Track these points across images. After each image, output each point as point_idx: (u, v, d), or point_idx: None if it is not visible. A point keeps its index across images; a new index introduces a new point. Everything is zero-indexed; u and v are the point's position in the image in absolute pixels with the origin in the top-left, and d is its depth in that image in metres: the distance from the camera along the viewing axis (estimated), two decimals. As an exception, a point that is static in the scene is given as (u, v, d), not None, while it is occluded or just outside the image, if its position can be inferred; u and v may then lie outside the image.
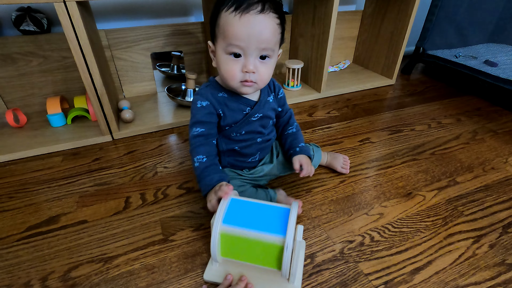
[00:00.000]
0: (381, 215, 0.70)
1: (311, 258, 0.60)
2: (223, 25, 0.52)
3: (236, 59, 0.54)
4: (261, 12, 0.50)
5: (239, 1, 0.50)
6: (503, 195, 0.77)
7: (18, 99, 1.10)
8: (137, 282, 0.56)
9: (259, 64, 0.55)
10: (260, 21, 0.51)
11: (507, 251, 0.62)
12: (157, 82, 1.30)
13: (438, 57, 1.45)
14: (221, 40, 0.54)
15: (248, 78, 0.55)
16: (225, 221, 0.50)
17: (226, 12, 0.51)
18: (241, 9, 0.50)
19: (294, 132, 0.74)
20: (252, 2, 0.50)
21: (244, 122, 0.64)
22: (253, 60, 0.54)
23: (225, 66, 0.55)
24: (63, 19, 0.77)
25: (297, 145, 0.71)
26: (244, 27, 0.50)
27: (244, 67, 0.54)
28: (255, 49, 0.52)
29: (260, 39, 0.52)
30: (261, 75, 0.56)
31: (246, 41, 0.51)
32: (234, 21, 0.50)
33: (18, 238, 0.65)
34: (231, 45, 0.52)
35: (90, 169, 0.86)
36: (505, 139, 1.01)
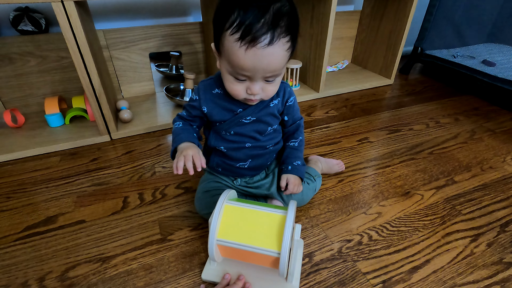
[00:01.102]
0: (379, 214, 0.70)
1: (309, 257, 0.60)
2: (227, 51, 0.47)
3: (241, 82, 0.51)
4: (270, 44, 0.44)
5: (245, 28, 0.43)
6: (501, 194, 0.77)
7: (16, 99, 1.10)
8: (135, 282, 0.55)
9: (265, 85, 0.52)
10: (268, 54, 0.45)
11: (505, 250, 0.62)
12: (155, 82, 1.30)
13: (436, 57, 1.45)
14: (225, 61, 0.50)
15: (253, 98, 0.53)
16: None
17: (231, 36, 0.45)
18: (247, 40, 0.43)
19: (295, 146, 0.68)
20: (261, 33, 0.43)
21: (233, 122, 0.60)
22: (258, 84, 0.51)
23: (229, 84, 0.52)
24: (61, 19, 0.76)
25: (291, 162, 0.66)
26: (250, 61, 0.46)
27: (249, 90, 0.51)
28: (261, 77, 0.49)
29: (266, 70, 0.48)
30: (267, 92, 0.53)
31: (252, 72, 0.47)
32: (239, 53, 0.45)
33: (16, 238, 0.65)
34: (235, 73, 0.49)
35: (88, 169, 0.86)
36: (503, 138, 1.01)
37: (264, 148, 0.64)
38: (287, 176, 0.64)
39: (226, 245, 0.50)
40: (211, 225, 0.50)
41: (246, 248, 0.49)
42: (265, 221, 0.50)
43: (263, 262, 0.51)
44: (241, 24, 0.43)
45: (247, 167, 0.65)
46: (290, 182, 0.63)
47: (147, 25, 1.16)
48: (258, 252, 0.48)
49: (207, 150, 0.67)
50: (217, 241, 0.50)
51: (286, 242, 0.46)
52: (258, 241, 0.48)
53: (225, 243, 0.50)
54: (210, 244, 0.50)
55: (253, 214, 0.51)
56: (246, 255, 0.50)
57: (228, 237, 0.50)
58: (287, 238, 0.46)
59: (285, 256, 0.46)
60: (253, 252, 0.49)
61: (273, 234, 0.48)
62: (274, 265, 0.49)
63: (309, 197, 0.72)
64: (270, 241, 0.48)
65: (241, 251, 0.50)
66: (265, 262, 0.51)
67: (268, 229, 0.49)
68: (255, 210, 0.51)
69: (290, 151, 0.68)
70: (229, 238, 0.50)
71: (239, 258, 0.53)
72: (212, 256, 0.51)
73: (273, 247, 0.47)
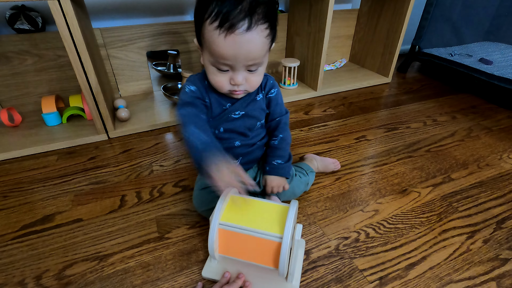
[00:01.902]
0: (376, 211, 0.71)
1: (307, 255, 0.60)
2: (207, 40, 0.48)
3: (224, 72, 0.51)
4: (248, 30, 0.45)
5: (223, 16, 0.44)
6: (497, 191, 0.77)
7: (13, 98, 1.09)
8: (132, 280, 0.55)
9: (248, 75, 0.52)
10: (247, 41, 0.46)
11: (501, 246, 0.62)
12: (153, 81, 1.30)
13: (434, 56, 1.46)
14: (206, 52, 0.50)
15: (237, 88, 0.53)
16: None
17: (210, 26, 0.46)
18: (225, 27, 0.44)
19: (274, 145, 0.66)
20: (238, 19, 0.44)
21: (223, 118, 0.59)
22: (241, 73, 0.51)
23: (212, 76, 0.52)
24: (57, 17, 0.76)
25: (270, 162, 0.65)
26: (230, 48, 0.46)
27: (232, 80, 0.51)
28: (242, 65, 0.49)
29: (247, 57, 0.48)
30: (250, 83, 0.53)
31: (233, 60, 0.48)
32: (219, 41, 0.46)
33: (13, 237, 0.65)
34: (217, 62, 0.49)
35: (86, 168, 0.86)
36: (500, 136, 1.02)
37: (252, 145, 0.65)
38: (266, 178, 0.65)
39: (228, 229, 0.50)
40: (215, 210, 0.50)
41: (248, 232, 0.49)
42: (268, 210, 0.52)
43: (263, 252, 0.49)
44: (219, 12, 0.44)
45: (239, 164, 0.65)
46: (267, 184, 0.64)
47: (144, 24, 1.16)
48: (260, 237, 0.48)
49: None
50: (220, 224, 0.50)
51: (289, 226, 0.47)
52: (260, 225, 0.49)
53: (227, 227, 0.50)
54: (210, 241, 0.50)
55: (256, 203, 0.53)
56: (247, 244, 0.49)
57: (231, 221, 0.50)
58: (289, 223, 0.47)
59: (287, 241, 0.46)
60: (254, 237, 0.48)
61: (275, 220, 0.49)
62: (275, 255, 0.48)
63: (301, 190, 0.72)
64: (272, 226, 0.49)
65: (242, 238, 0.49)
66: (265, 253, 0.49)
67: (271, 216, 0.50)
68: (259, 200, 0.54)
69: (270, 150, 0.67)
70: (232, 221, 0.50)
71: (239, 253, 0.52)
72: (212, 253, 0.51)
73: (275, 231, 0.48)
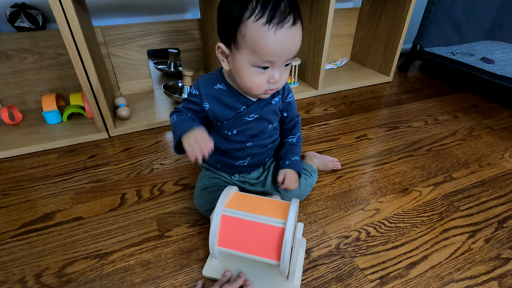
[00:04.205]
0: (377, 210, 0.70)
1: (307, 253, 0.60)
2: (252, 38, 0.46)
3: (264, 71, 0.50)
4: (293, 25, 0.46)
5: (270, 12, 0.44)
6: (499, 190, 0.77)
7: (13, 96, 1.09)
8: (132, 278, 0.55)
9: (283, 72, 0.52)
10: (293, 35, 0.47)
11: (502, 246, 0.62)
12: (153, 79, 1.30)
13: (435, 54, 1.45)
14: (247, 52, 0.48)
15: (274, 86, 0.53)
16: None
17: (256, 22, 0.45)
18: (274, 22, 0.45)
19: (293, 142, 0.69)
20: (285, 14, 0.45)
21: (237, 120, 0.59)
22: (279, 70, 0.51)
23: (251, 77, 0.51)
24: (57, 14, 0.76)
25: (289, 158, 0.66)
26: (279, 43, 0.46)
27: (272, 78, 0.51)
28: (283, 61, 0.50)
29: (290, 52, 0.49)
30: (282, 81, 0.54)
31: (279, 56, 0.48)
32: (268, 37, 0.45)
33: (13, 235, 0.64)
34: (262, 60, 0.48)
35: (86, 166, 0.86)
36: (502, 135, 1.01)
37: (264, 146, 0.65)
38: (285, 171, 0.64)
39: (231, 215, 0.50)
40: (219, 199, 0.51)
41: (251, 218, 0.49)
42: (271, 202, 0.53)
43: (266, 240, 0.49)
44: (265, 8, 0.44)
45: (246, 165, 0.66)
46: (287, 177, 0.63)
47: (145, 22, 1.16)
48: (263, 223, 0.48)
49: None
50: (223, 211, 0.50)
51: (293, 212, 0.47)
52: (263, 213, 0.50)
53: (231, 213, 0.50)
54: (211, 239, 0.49)
55: (259, 198, 0.54)
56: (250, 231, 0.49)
57: (235, 207, 0.51)
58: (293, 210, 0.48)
59: (291, 227, 0.46)
60: (257, 223, 0.48)
61: (278, 210, 0.50)
62: (278, 243, 0.47)
63: (307, 192, 0.72)
64: (276, 213, 0.49)
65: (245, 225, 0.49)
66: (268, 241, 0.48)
67: (274, 207, 0.51)
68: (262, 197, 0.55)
69: (288, 147, 0.68)
70: (235, 208, 0.51)
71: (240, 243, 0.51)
72: (213, 251, 0.51)
73: (279, 217, 0.48)
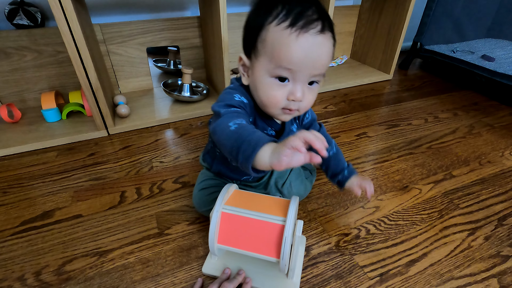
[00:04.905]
0: (377, 208, 0.70)
1: (307, 251, 0.60)
2: (272, 43, 0.42)
3: (282, 84, 0.45)
4: (321, 32, 0.41)
5: (295, 15, 0.40)
6: (499, 188, 0.77)
7: (12, 94, 1.09)
8: (132, 276, 0.55)
9: (306, 91, 0.46)
10: (319, 44, 0.42)
11: (502, 243, 0.62)
12: (153, 77, 1.29)
13: (436, 52, 1.45)
14: (265, 59, 0.44)
15: (293, 106, 0.46)
16: None
17: (278, 26, 0.41)
18: (299, 26, 0.40)
19: (335, 153, 0.63)
20: (312, 19, 0.41)
21: None
22: (301, 86, 0.45)
23: (267, 90, 0.46)
24: (56, 12, 0.76)
25: (343, 168, 0.62)
26: (301, 49, 0.41)
27: (292, 95, 0.45)
28: (307, 75, 0.44)
29: (315, 65, 0.43)
30: (306, 103, 0.47)
31: (300, 66, 0.42)
32: (290, 41, 0.41)
33: (12, 233, 0.64)
34: (280, 68, 0.43)
35: (85, 164, 0.86)
36: (502, 133, 1.01)
37: None
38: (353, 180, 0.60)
39: (231, 212, 0.50)
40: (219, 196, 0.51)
41: (251, 215, 0.49)
42: (270, 200, 0.53)
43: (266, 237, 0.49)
44: (290, 11, 0.41)
45: (251, 180, 0.66)
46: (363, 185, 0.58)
47: (144, 20, 1.16)
48: (263, 220, 0.48)
49: (211, 154, 0.65)
50: (223, 208, 0.50)
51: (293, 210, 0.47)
52: (263, 210, 0.49)
53: (231, 210, 0.50)
54: (211, 236, 0.49)
55: (259, 196, 0.54)
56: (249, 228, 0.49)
57: (234, 205, 0.51)
58: (293, 208, 0.47)
59: (291, 224, 0.46)
60: (257, 220, 0.49)
61: (278, 207, 0.50)
62: (278, 240, 0.47)
63: (309, 191, 0.72)
64: (276, 211, 0.49)
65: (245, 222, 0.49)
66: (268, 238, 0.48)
67: (274, 204, 0.51)
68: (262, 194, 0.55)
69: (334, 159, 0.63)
70: (235, 205, 0.50)
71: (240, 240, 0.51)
72: (212, 249, 0.50)
73: (279, 215, 0.48)
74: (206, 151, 0.68)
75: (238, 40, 1.50)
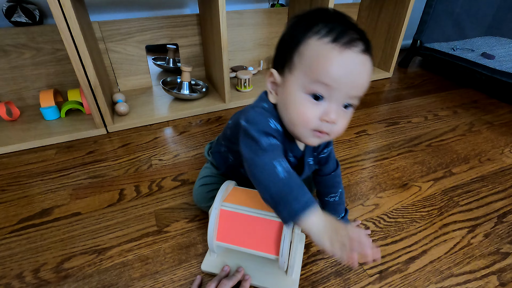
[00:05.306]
0: (376, 205, 0.70)
1: (307, 249, 0.60)
2: (311, 56, 0.40)
3: (316, 102, 0.41)
4: (364, 52, 0.40)
5: (338, 32, 0.39)
6: (499, 185, 0.77)
7: (11, 92, 1.08)
8: (130, 273, 0.55)
9: (341, 114, 0.42)
10: (361, 62, 0.40)
11: (502, 240, 0.62)
12: (152, 75, 1.29)
13: (436, 50, 1.44)
14: (301, 74, 0.41)
15: (324, 128, 0.42)
16: None
17: (319, 40, 0.39)
18: (343, 42, 0.38)
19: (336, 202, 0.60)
20: (355, 37, 0.39)
21: None
22: (336, 107, 0.41)
23: (299, 107, 0.42)
24: (54, 9, 0.75)
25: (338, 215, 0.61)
26: (343, 66, 0.39)
27: (326, 115, 0.41)
28: (344, 94, 0.40)
29: (355, 84, 0.40)
30: (339, 127, 0.43)
31: (339, 83, 0.39)
32: (332, 55, 0.38)
33: (11, 231, 0.64)
34: (317, 83, 0.40)
35: (84, 162, 0.85)
36: (502, 130, 1.01)
37: None
38: None
39: (230, 210, 0.50)
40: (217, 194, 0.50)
41: (250, 212, 0.49)
42: None
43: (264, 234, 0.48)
44: (332, 29, 0.39)
45: None
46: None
47: (143, 17, 1.15)
48: (261, 217, 0.48)
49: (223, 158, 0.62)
50: (222, 205, 0.50)
51: None
52: (262, 206, 0.49)
53: (230, 208, 0.50)
54: (210, 234, 0.49)
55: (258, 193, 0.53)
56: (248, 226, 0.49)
57: (233, 202, 0.50)
58: None
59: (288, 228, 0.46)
60: (256, 217, 0.48)
61: None
62: (277, 237, 0.47)
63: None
64: None
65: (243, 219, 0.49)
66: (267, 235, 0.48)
67: None
68: None
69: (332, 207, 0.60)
70: (234, 203, 0.50)
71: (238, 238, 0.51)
72: (211, 246, 0.50)
73: None
74: (216, 150, 0.65)
75: (237, 38, 1.49)
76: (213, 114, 1.11)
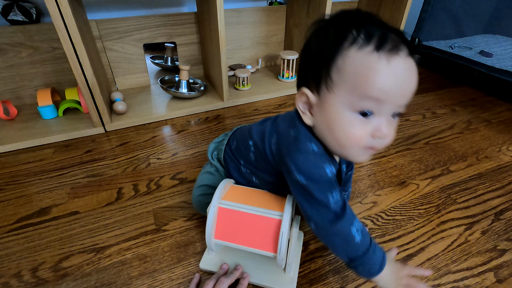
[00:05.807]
0: (374, 203, 0.70)
1: (305, 246, 0.60)
2: (355, 70, 0.36)
3: (366, 120, 0.37)
4: (410, 56, 0.36)
5: (378, 38, 0.35)
6: (496, 183, 0.77)
7: (8, 91, 1.08)
8: (129, 272, 0.55)
9: (391, 125, 0.39)
10: (410, 68, 0.36)
11: (499, 237, 0.62)
12: (150, 73, 1.28)
13: (434, 48, 1.45)
14: (344, 92, 0.37)
15: (377, 144, 0.39)
16: None
17: (360, 51, 0.35)
18: (387, 48, 0.34)
19: None
20: (397, 41, 0.35)
21: None
22: (386, 120, 0.38)
23: (348, 128, 0.38)
24: (51, 7, 0.75)
25: None
26: (394, 76, 0.35)
27: (378, 131, 0.37)
28: (394, 105, 0.37)
29: (405, 92, 0.37)
30: (390, 139, 0.40)
31: (390, 95, 0.35)
32: (380, 66, 0.34)
33: (9, 230, 0.64)
34: (366, 99, 0.36)
35: (82, 160, 0.85)
36: (499, 128, 1.01)
37: None
38: None
39: (228, 207, 0.50)
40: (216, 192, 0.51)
41: (248, 210, 0.49)
42: (267, 195, 0.53)
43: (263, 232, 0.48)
44: (371, 35, 0.35)
45: None
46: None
47: (141, 15, 1.15)
48: (260, 214, 0.48)
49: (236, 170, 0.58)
50: (220, 203, 0.50)
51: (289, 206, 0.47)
52: (260, 205, 0.50)
53: (228, 205, 0.50)
54: (208, 232, 0.49)
55: (256, 191, 0.54)
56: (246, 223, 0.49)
57: (231, 200, 0.51)
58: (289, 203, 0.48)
59: (287, 219, 0.46)
60: (254, 215, 0.49)
61: (275, 203, 0.50)
62: (275, 235, 0.47)
63: None
64: (273, 206, 0.49)
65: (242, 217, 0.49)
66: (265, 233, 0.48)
67: (271, 199, 0.51)
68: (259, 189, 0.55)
69: None
70: (232, 200, 0.51)
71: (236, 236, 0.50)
72: (209, 244, 0.50)
73: (276, 209, 0.48)
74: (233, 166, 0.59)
75: (235, 36, 1.48)
76: (211, 112, 1.11)
